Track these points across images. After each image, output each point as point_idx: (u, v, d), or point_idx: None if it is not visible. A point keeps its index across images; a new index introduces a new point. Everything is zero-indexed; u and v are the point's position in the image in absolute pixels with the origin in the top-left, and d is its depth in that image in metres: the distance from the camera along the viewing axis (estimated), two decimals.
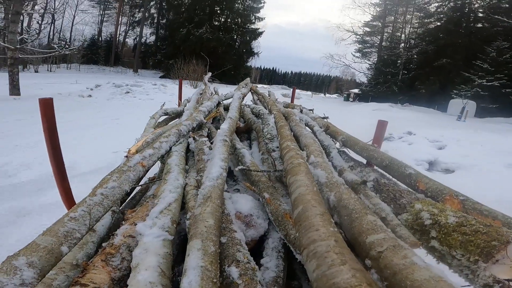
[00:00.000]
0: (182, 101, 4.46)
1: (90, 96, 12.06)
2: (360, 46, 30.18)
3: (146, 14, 36.03)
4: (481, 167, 5.11)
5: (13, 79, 11.49)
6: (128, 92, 13.13)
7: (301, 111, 3.17)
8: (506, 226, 1.03)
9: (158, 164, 2.17)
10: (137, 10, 37.42)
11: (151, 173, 2.11)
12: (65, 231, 0.86)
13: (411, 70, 25.60)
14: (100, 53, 35.89)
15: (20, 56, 12.55)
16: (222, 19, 34.02)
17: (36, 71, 24.88)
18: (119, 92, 13.07)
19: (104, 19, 38.33)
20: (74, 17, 35.31)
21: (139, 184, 1.84)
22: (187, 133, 2.12)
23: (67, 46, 15.13)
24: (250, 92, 4.41)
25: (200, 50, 28.05)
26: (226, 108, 3.40)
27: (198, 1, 32.53)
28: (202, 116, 2.48)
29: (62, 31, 35.31)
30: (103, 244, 1.05)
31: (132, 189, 1.79)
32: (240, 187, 1.67)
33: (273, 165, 1.75)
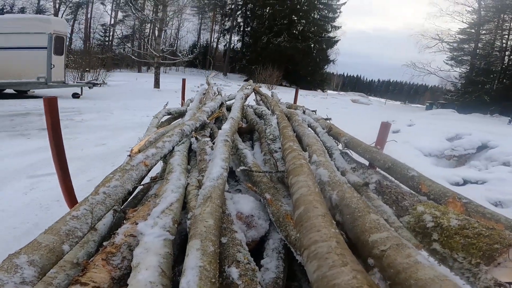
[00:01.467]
0: (185, 101, 4.47)
1: (197, 91, 15.59)
2: (453, 53, 28.54)
3: (234, 23, 39.15)
4: None
5: (156, 77, 16.55)
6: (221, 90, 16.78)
7: (304, 112, 3.16)
8: (508, 229, 1.02)
9: (160, 164, 2.17)
10: (226, 18, 40.99)
11: (153, 173, 2.11)
12: (67, 230, 0.87)
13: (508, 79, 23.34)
14: (199, 58, 39.45)
15: (161, 61, 17.40)
16: (300, 28, 35.13)
17: (166, 72, 31.59)
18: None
19: (202, 27, 43.07)
20: (179, 25, 40.17)
21: (141, 183, 1.85)
22: (190, 133, 2.13)
23: (187, 54, 19.74)
24: (253, 92, 4.42)
25: (278, 57, 30.62)
26: (229, 109, 3.40)
27: (278, 12, 34.04)
28: (205, 116, 2.49)
29: (170, 38, 40.41)
30: (104, 243, 1.05)
31: (134, 188, 1.79)
32: (241, 187, 1.67)
33: (275, 166, 1.75)
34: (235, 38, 41.44)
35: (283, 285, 1.00)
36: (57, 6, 30.71)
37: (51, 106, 1.83)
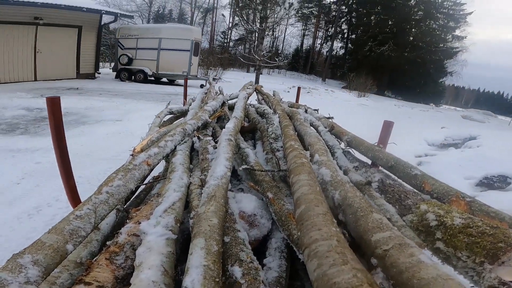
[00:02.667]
0: (187, 101, 4.48)
1: (288, 91, 16.65)
2: None
3: (337, 30, 38.95)
4: None
5: (257, 77, 19.52)
6: (309, 92, 18.40)
7: (306, 111, 3.15)
8: None
9: (162, 163, 2.18)
10: (330, 25, 40.63)
11: (155, 172, 2.12)
12: (70, 229, 0.87)
13: None
14: (300, 62, 41.11)
15: (261, 64, 20.52)
16: (409, 38, 32.44)
17: (261, 73, 34.50)
18: (303, 92, 17.47)
19: (306, 33, 43.79)
20: (285, 29, 42.00)
21: (144, 182, 1.85)
22: (192, 132, 2.13)
23: (283, 59, 21.57)
24: (255, 91, 4.41)
25: (379, 66, 29.72)
26: (231, 108, 3.41)
27: (383, 21, 32.53)
28: (207, 116, 2.49)
29: (274, 42, 42.09)
30: (108, 243, 1.05)
31: (137, 187, 1.80)
32: (244, 186, 1.67)
33: (277, 165, 1.75)
34: (338, 44, 41.14)
35: (286, 284, 1.00)
36: (192, 11, 36.65)
37: (54, 106, 1.83)
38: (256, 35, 23.06)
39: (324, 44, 43.29)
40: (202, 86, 11.49)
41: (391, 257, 0.71)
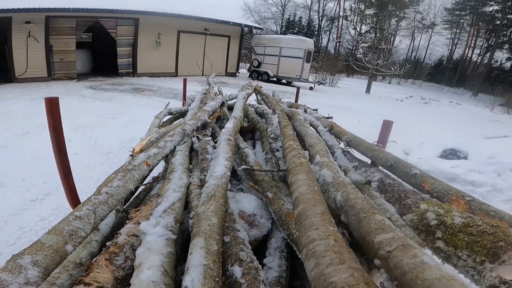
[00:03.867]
0: (186, 101, 4.47)
1: (401, 101, 17.38)
2: None
3: (503, 39, 33.09)
4: None
5: (369, 84, 20.24)
6: (426, 103, 17.51)
7: (305, 111, 3.16)
8: None
9: (162, 163, 2.18)
10: (493, 34, 34.15)
11: (155, 172, 2.12)
12: (70, 230, 0.86)
13: None
14: (444, 73, 37.00)
15: (375, 72, 21.19)
16: None
17: (389, 82, 34.53)
18: (420, 102, 17.60)
19: (456, 41, 39.63)
20: (430, 38, 39.60)
21: (143, 183, 1.85)
22: (191, 132, 2.13)
23: (400, 68, 21.26)
24: (254, 92, 4.41)
25: None
26: (230, 108, 3.41)
27: None
28: (206, 116, 2.48)
29: (418, 50, 40.69)
30: (107, 243, 1.05)
31: (137, 188, 1.79)
32: (243, 186, 1.67)
33: (276, 165, 1.75)
34: (503, 55, 34.04)
35: (286, 284, 1.00)
36: (320, 19, 38.64)
37: (53, 106, 1.83)
38: (374, 44, 23.09)
39: (482, 56, 36.35)
40: (311, 88, 14.64)
41: (395, 258, 0.71)
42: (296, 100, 5.21)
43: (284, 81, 15.64)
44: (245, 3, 37.54)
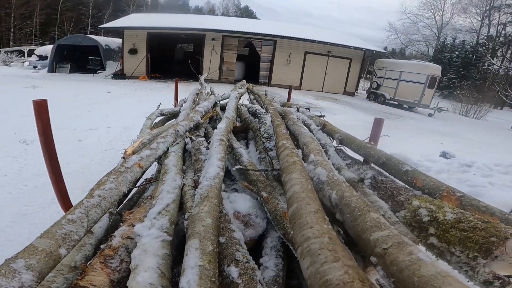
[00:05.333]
0: (178, 102, 4.44)
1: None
2: None
3: None
4: None
5: None
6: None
7: (298, 110, 3.17)
8: (503, 222, 1.03)
9: (155, 165, 2.16)
10: None
11: (148, 174, 2.10)
12: (63, 234, 0.85)
13: None
14: None
15: None
16: None
17: None
18: None
19: None
20: None
21: (136, 185, 1.83)
22: (184, 133, 2.11)
23: None
24: (246, 91, 4.41)
25: None
26: (223, 108, 3.39)
27: None
28: (199, 116, 2.47)
29: None
30: (101, 246, 1.04)
31: (130, 190, 1.77)
32: (238, 186, 1.67)
33: (270, 164, 1.75)
34: None
35: (283, 283, 1.00)
36: (488, 44, 31.13)
37: (41, 109, 1.79)
38: None
39: None
40: (430, 115, 14.17)
41: (391, 255, 0.72)
42: (289, 99, 5.23)
43: (405, 106, 15.18)
44: (390, 25, 35.39)
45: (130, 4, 39.86)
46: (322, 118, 2.78)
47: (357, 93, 17.76)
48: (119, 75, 14.41)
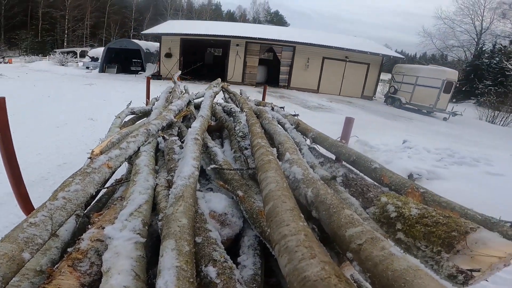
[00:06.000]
0: (150, 100, 4.30)
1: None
2: None
3: None
4: None
5: None
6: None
7: (273, 109, 3.20)
8: (463, 217, 1.09)
9: (125, 165, 2.08)
10: None
11: (118, 175, 2.01)
12: (25, 237, 0.80)
13: None
14: None
15: None
16: None
17: None
18: None
19: None
20: None
21: (105, 186, 1.75)
22: (156, 132, 2.05)
23: None
24: (221, 90, 4.37)
25: None
26: (197, 107, 3.34)
27: None
28: (172, 115, 2.41)
29: None
30: (69, 249, 0.99)
31: (98, 191, 1.69)
32: (213, 186, 1.65)
33: (245, 163, 1.75)
34: None
35: (262, 281, 1.00)
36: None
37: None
38: None
39: None
40: (444, 119, 14.33)
41: (365, 251, 0.74)
42: (263, 98, 5.25)
43: (424, 110, 15.21)
44: (425, 30, 33.81)
45: (168, 8, 43.77)
46: (296, 118, 2.83)
47: (375, 97, 18.14)
48: (156, 76, 15.88)
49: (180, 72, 6.88)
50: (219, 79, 4.78)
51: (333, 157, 2.02)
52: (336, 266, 0.67)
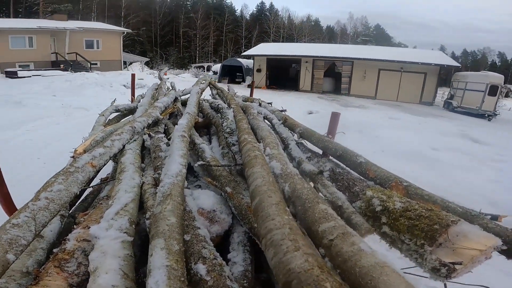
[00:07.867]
0: (135, 97, 4.22)
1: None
2: None
3: None
4: None
5: None
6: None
7: (260, 104, 3.20)
8: (445, 210, 1.11)
9: (111, 164, 2.04)
10: None
11: (103, 173, 1.98)
12: (8, 239, 0.78)
13: None
14: None
15: None
16: None
17: None
18: None
19: None
20: None
21: (90, 185, 1.72)
22: (142, 130, 2.02)
23: None
24: (208, 86, 4.34)
25: None
26: (184, 104, 3.31)
27: None
28: (158, 112, 2.38)
29: None
30: (54, 250, 0.97)
31: (82, 191, 1.66)
32: (201, 183, 1.65)
33: (233, 159, 1.75)
34: None
35: (252, 277, 1.01)
36: None
37: None
38: None
39: None
40: (489, 119, 15.42)
41: (336, 246, 0.75)
42: (251, 94, 5.24)
43: (474, 113, 16.24)
44: None
45: (270, 26, 49.52)
46: (283, 113, 2.84)
47: (434, 102, 19.66)
48: (250, 85, 17.87)
49: (167, 68, 6.80)
50: (207, 75, 4.73)
51: (320, 152, 2.04)
52: (319, 258, 0.68)
